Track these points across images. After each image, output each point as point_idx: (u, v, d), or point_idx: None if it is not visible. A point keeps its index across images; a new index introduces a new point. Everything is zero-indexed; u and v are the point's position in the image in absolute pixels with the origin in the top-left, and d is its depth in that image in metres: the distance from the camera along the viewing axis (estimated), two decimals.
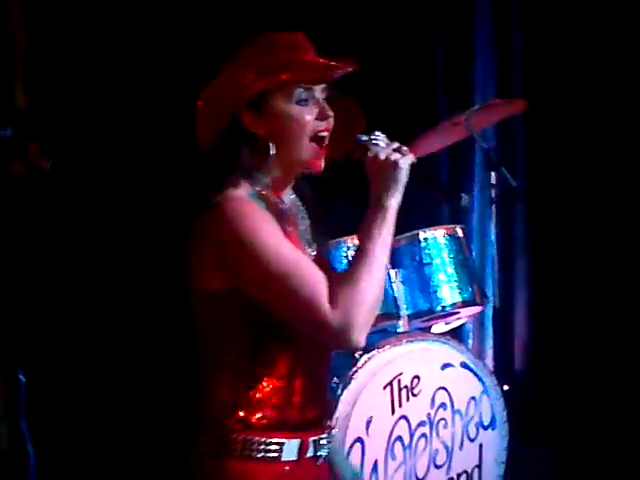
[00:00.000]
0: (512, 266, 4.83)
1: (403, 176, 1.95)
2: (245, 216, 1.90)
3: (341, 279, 1.89)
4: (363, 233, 1.94)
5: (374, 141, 2.00)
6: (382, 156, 1.96)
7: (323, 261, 2.09)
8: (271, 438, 1.94)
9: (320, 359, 2.04)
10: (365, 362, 3.28)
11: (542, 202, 4.71)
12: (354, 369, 3.25)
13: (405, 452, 3.34)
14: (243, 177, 1.97)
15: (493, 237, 3.89)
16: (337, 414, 3.18)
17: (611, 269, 4.68)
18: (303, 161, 2.01)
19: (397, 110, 4.44)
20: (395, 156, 1.96)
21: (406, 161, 1.96)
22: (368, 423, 3.25)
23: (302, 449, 1.97)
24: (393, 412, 3.33)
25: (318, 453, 2.02)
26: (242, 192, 1.95)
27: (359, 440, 3.24)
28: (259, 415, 1.94)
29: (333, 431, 2.13)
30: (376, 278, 1.90)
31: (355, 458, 3.24)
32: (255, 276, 1.89)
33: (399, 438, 3.33)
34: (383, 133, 2.04)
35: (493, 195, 3.85)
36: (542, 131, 4.79)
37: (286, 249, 1.90)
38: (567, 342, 4.75)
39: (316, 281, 1.88)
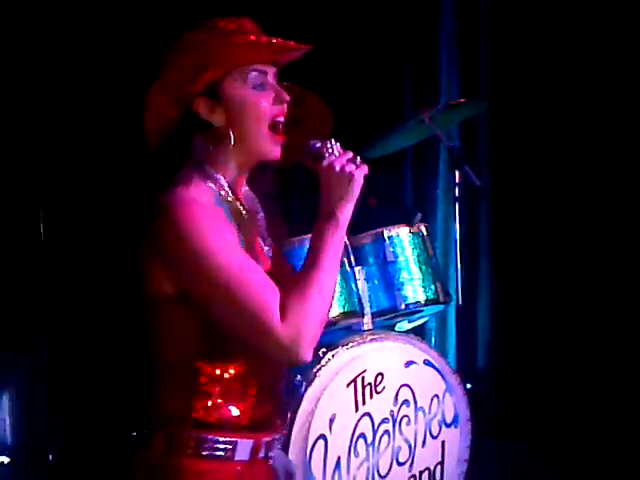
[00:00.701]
0: (475, 265, 4.86)
1: (357, 188, 1.92)
2: (195, 220, 1.84)
3: (291, 292, 1.84)
4: (313, 243, 1.90)
5: (329, 149, 1.95)
6: (337, 167, 1.92)
7: (280, 257, 2.07)
8: (224, 437, 1.92)
9: (275, 362, 2.01)
10: (329, 360, 3.28)
11: (506, 201, 4.74)
12: (318, 366, 3.25)
13: (368, 449, 3.33)
14: (197, 175, 1.93)
15: (457, 235, 3.90)
16: (300, 411, 3.18)
17: (574, 268, 4.72)
18: (261, 149, 1.96)
19: (363, 109, 4.45)
20: (350, 167, 1.92)
21: (361, 173, 1.92)
22: (331, 420, 3.25)
23: (255, 450, 1.96)
24: (356, 409, 3.33)
25: (269, 454, 2.01)
26: (195, 192, 1.90)
27: (322, 437, 3.23)
28: (213, 414, 1.92)
29: (285, 431, 2.12)
30: (326, 291, 1.87)
31: (318, 455, 3.24)
32: (203, 285, 1.85)
33: (362, 435, 3.32)
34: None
35: (457, 194, 3.87)
36: (506, 130, 4.83)
37: (236, 257, 1.85)
38: (530, 341, 4.79)
39: (267, 293, 1.83)
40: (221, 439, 1.92)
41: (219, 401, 1.92)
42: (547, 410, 4.64)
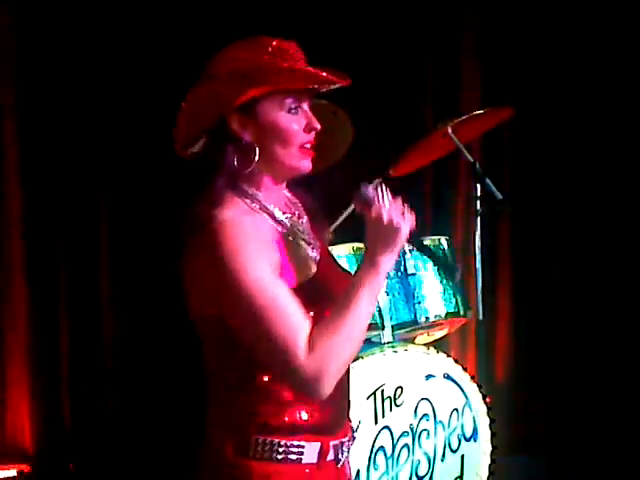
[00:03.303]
0: (495, 278, 4.84)
1: (402, 241, 1.93)
2: (233, 247, 1.85)
3: (320, 329, 1.85)
4: (352, 286, 1.91)
5: (379, 198, 1.96)
6: (385, 218, 1.93)
7: (328, 259, 2.09)
8: (292, 440, 1.95)
9: None
10: None
11: (526, 215, 4.74)
12: None
13: (387, 462, 3.34)
14: (231, 192, 1.95)
15: (477, 249, 3.90)
16: None
17: (594, 281, 4.71)
18: (290, 166, 1.99)
19: (384, 122, 4.45)
20: (398, 220, 1.93)
21: (407, 227, 1.94)
22: None
23: (322, 452, 1.99)
24: (376, 422, 3.33)
25: (339, 457, 2.03)
26: (236, 211, 1.92)
27: None
28: (281, 418, 1.95)
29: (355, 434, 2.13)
30: (355, 336, 1.88)
31: None
32: (235, 311, 1.87)
33: (382, 448, 3.33)
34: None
35: (478, 207, 3.86)
36: (527, 144, 4.82)
37: (271, 286, 1.85)
38: (549, 354, 4.77)
39: (296, 327, 1.85)
40: (289, 442, 1.95)
41: (285, 405, 1.95)
42: (566, 425, 4.62)
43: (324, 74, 1.96)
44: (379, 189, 1.98)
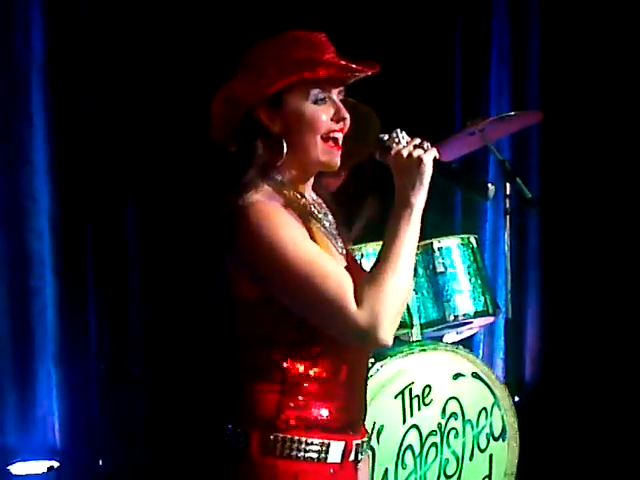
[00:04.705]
0: (525, 277, 4.83)
1: (428, 171, 1.90)
2: (267, 220, 1.87)
3: (367, 278, 1.85)
4: (389, 231, 1.90)
5: (395, 139, 1.95)
6: (405, 153, 1.91)
7: (352, 259, 2.09)
8: (319, 439, 1.94)
9: (359, 361, 2.04)
10: (377, 371, 3.28)
11: (556, 214, 4.71)
12: None
13: (416, 461, 3.33)
14: (262, 177, 1.96)
15: (506, 248, 3.89)
16: None
17: (624, 281, 4.68)
18: (317, 159, 1.99)
19: (414, 120, 4.44)
20: (418, 152, 1.91)
21: (429, 156, 1.91)
22: (379, 432, 3.25)
23: (346, 451, 1.98)
24: (404, 421, 3.32)
25: (358, 457, 2.03)
26: (264, 195, 1.93)
27: (370, 449, 3.23)
28: (304, 416, 1.94)
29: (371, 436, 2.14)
30: (402, 276, 1.86)
31: (365, 466, 3.22)
32: (280, 281, 1.87)
33: (410, 447, 3.32)
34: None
35: (507, 206, 3.85)
36: (557, 142, 4.80)
37: (309, 250, 1.87)
38: (578, 354, 4.75)
39: (341, 281, 1.84)
40: (315, 441, 1.94)
41: (310, 402, 1.95)
42: (596, 424, 4.60)
43: (350, 64, 1.95)
44: (393, 132, 1.97)
